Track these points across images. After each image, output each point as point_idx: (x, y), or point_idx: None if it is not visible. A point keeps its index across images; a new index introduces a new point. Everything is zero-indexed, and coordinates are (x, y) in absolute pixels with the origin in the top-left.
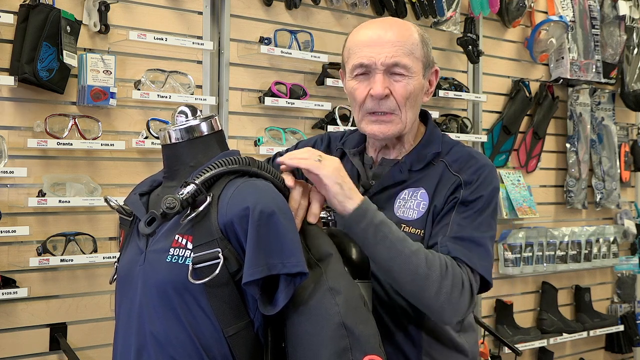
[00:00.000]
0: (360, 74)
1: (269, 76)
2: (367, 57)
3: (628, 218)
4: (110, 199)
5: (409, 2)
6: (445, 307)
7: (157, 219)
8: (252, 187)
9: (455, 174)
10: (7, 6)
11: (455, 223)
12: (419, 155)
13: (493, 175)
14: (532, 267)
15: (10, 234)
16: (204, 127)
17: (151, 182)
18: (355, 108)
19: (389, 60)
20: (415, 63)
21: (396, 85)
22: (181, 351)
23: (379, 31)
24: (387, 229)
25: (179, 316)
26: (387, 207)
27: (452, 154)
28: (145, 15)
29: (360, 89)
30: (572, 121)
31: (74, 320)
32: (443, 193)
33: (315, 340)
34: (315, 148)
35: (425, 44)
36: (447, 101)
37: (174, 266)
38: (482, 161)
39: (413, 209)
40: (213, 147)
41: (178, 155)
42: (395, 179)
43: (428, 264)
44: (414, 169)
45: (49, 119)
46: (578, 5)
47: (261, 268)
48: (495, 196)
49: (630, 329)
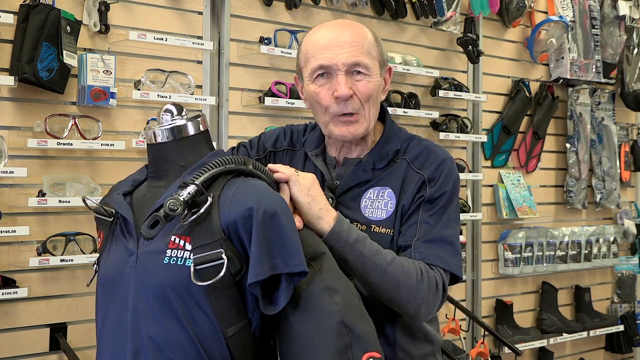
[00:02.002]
0: (320, 75)
1: (269, 76)
2: (327, 58)
3: (628, 218)
4: (88, 198)
5: (409, 2)
6: (422, 309)
7: (161, 221)
8: (252, 187)
9: (418, 172)
10: (7, 6)
11: (423, 222)
12: (380, 153)
13: (453, 168)
14: (532, 267)
15: (10, 234)
16: (190, 128)
17: (132, 182)
18: (319, 112)
19: (350, 59)
20: (373, 62)
21: (358, 85)
22: (181, 353)
23: (335, 33)
24: (360, 246)
25: (178, 318)
26: (354, 207)
27: (411, 150)
28: (145, 15)
29: (322, 92)
30: (572, 121)
31: (74, 320)
32: (409, 192)
33: (315, 339)
34: (279, 142)
35: (379, 43)
36: (447, 101)
37: (173, 267)
38: (442, 155)
39: (381, 209)
40: (202, 147)
41: (166, 155)
42: (359, 178)
43: (404, 273)
44: (377, 167)
45: (49, 119)
46: (578, 5)
47: (265, 268)
48: (456, 189)
49: (630, 329)
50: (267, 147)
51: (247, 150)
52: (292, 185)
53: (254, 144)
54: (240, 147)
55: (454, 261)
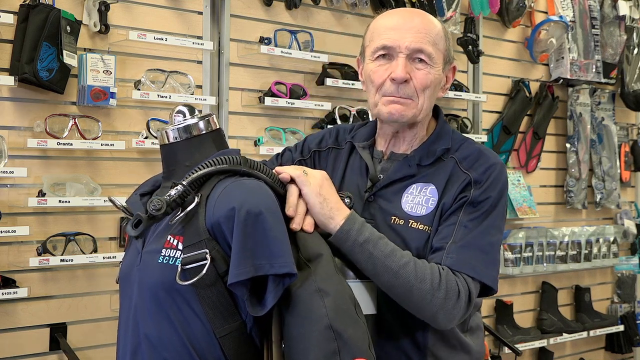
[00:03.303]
0: (382, 56)
1: (269, 76)
2: (391, 39)
3: (628, 218)
4: (114, 199)
5: (409, 2)
6: (439, 316)
7: (143, 221)
8: (240, 187)
9: (465, 172)
10: (7, 6)
11: (462, 225)
12: (428, 150)
13: (502, 174)
14: (532, 267)
15: (10, 234)
16: (201, 126)
17: (154, 183)
18: (371, 92)
19: (413, 45)
20: (438, 54)
21: (417, 73)
22: (173, 352)
23: (404, 17)
24: (371, 246)
25: (170, 318)
26: (395, 201)
27: (462, 151)
28: (145, 15)
29: (379, 72)
30: (572, 121)
31: (74, 320)
32: (453, 190)
33: (305, 342)
34: (324, 142)
35: (447, 38)
36: (447, 101)
37: (165, 267)
38: (493, 159)
39: (422, 205)
40: (209, 146)
41: (174, 154)
42: (403, 173)
43: (418, 278)
44: (423, 164)
45: (49, 119)
46: (578, 5)
47: (247, 269)
48: (503, 196)
49: (630, 329)
50: (312, 148)
51: (292, 153)
52: (301, 186)
53: (299, 146)
54: (286, 152)
55: (488, 271)
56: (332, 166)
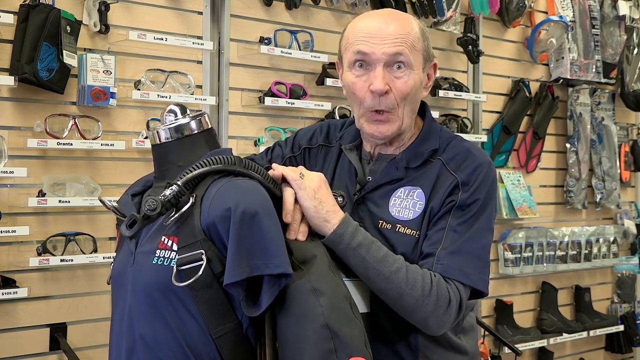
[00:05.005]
0: (359, 62)
1: (269, 76)
2: (367, 46)
3: (628, 218)
4: (105, 199)
5: (409, 2)
6: (430, 322)
7: (138, 221)
8: (235, 187)
9: (452, 174)
10: (7, 6)
11: (451, 230)
12: (416, 151)
13: (490, 173)
14: (532, 267)
15: (10, 234)
16: (193, 126)
17: (144, 183)
18: (354, 104)
19: (391, 50)
20: (416, 56)
21: (397, 82)
22: (169, 353)
23: (380, 23)
24: (364, 251)
25: (165, 319)
26: (382, 205)
27: (449, 151)
28: (145, 15)
29: (359, 85)
30: (572, 121)
31: (74, 320)
32: (440, 194)
33: (301, 342)
34: (314, 138)
35: (425, 37)
36: (447, 101)
37: (160, 268)
38: (480, 159)
39: (409, 209)
40: (201, 146)
41: (166, 154)
42: (391, 176)
43: (409, 284)
44: (411, 166)
45: (49, 119)
46: (578, 5)
47: (243, 269)
48: (492, 196)
49: (630, 329)
50: (302, 145)
51: (282, 149)
52: (297, 189)
53: (289, 141)
54: (276, 147)
55: (479, 275)
56: (322, 165)
